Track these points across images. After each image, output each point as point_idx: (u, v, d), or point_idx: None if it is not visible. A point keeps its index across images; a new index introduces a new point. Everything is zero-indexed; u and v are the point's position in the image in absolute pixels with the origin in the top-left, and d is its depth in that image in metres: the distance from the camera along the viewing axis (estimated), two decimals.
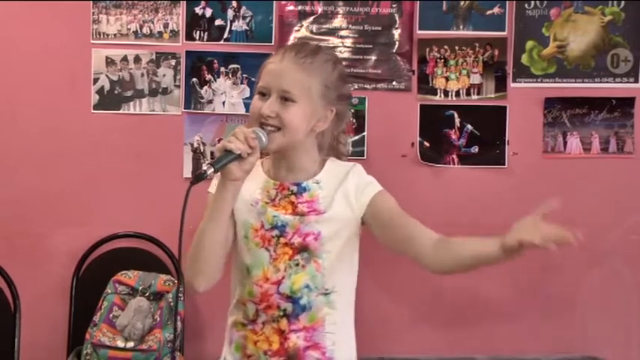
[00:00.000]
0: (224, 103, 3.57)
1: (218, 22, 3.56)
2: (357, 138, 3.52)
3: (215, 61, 3.56)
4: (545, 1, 3.56)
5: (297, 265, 1.90)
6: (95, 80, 3.55)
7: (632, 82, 3.58)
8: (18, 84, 3.54)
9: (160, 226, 3.55)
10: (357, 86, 3.50)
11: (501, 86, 3.58)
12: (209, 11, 3.55)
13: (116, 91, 3.56)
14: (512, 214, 3.72)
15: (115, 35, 3.55)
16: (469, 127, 3.58)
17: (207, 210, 1.88)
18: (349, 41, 3.54)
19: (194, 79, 3.56)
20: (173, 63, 3.56)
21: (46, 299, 3.52)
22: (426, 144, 3.57)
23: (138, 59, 3.56)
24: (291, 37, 3.55)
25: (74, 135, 3.55)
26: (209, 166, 1.75)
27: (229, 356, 1.98)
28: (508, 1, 3.56)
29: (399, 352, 3.48)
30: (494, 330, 3.60)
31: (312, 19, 3.56)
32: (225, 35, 3.56)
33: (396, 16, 3.56)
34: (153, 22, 3.56)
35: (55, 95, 3.54)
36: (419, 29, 3.56)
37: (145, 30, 3.56)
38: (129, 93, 3.57)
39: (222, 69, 3.56)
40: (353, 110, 3.46)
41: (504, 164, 3.59)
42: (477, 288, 3.59)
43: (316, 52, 1.93)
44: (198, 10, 3.55)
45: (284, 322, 1.91)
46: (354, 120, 3.48)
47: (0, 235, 3.52)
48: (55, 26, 3.54)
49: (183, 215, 1.77)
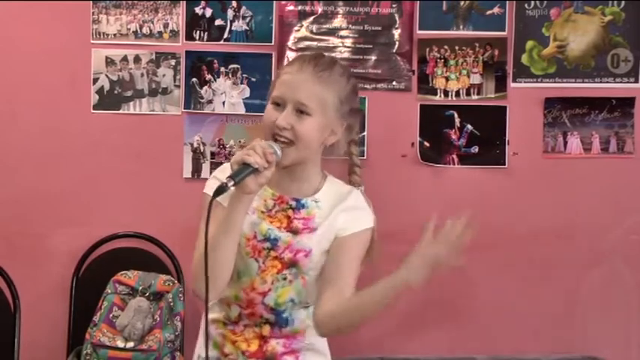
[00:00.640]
0: (224, 103, 3.57)
1: (218, 22, 3.56)
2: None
3: (215, 61, 3.56)
4: (545, 1, 3.56)
5: (284, 279, 1.91)
6: (95, 80, 3.55)
7: (632, 82, 3.58)
8: (18, 84, 3.54)
9: (160, 226, 3.55)
10: None
11: (501, 86, 3.57)
12: (209, 11, 3.55)
13: (116, 91, 3.56)
14: (512, 214, 3.76)
15: (115, 35, 3.55)
16: (469, 127, 3.58)
17: (205, 213, 1.85)
18: (349, 41, 3.54)
19: (194, 79, 3.56)
20: (173, 63, 3.56)
21: (46, 299, 3.52)
22: (426, 144, 3.57)
23: (138, 59, 3.56)
24: (291, 37, 3.55)
25: (74, 135, 3.55)
26: (229, 180, 1.75)
27: (210, 352, 1.96)
28: (508, 1, 3.56)
29: (399, 352, 3.48)
30: (494, 330, 3.60)
31: (312, 19, 3.56)
32: (225, 35, 3.56)
33: (396, 16, 3.56)
34: (153, 22, 3.56)
35: (55, 95, 3.54)
36: (419, 29, 3.56)
37: (145, 30, 3.56)
38: (129, 93, 3.57)
39: (222, 69, 3.56)
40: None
41: (504, 164, 3.59)
42: (477, 288, 3.59)
43: (333, 66, 1.93)
44: (198, 10, 3.55)
45: (267, 329, 1.94)
46: None
47: (0, 235, 3.52)
48: (55, 26, 3.54)
49: (207, 229, 1.77)
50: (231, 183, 1.75)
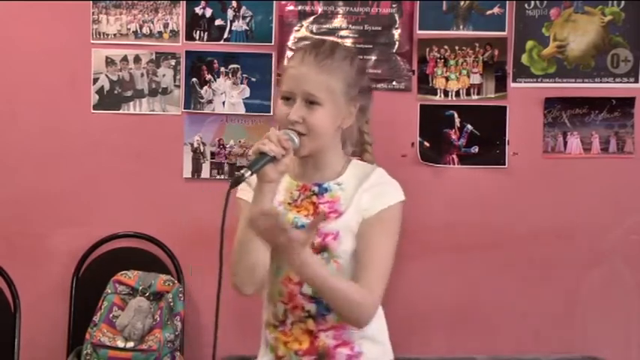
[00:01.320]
0: (224, 103, 3.57)
1: (218, 22, 3.56)
2: None
3: (215, 61, 3.56)
4: (545, 1, 3.55)
5: None
6: (95, 80, 3.55)
7: (632, 82, 3.58)
8: (18, 84, 3.54)
9: (160, 226, 3.56)
10: None
11: (501, 86, 3.57)
12: (209, 11, 3.55)
13: (116, 91, 3.56)
14: (512, 214, 3.76)
15: (115, 35, 3.55)
16: (469, 127, 3.58)
17: (243, 216, 1.87)
18: (349, 41, 3.54)
19: (194, 79, 3.56)
20: (173, 63, 3.56)
21: (46, 299, 3.52)
22: (426, 144, 3.57)
23: (138, 59, 3.56)
24: (291, 37, 3.55)
25: (74, 135, 3.55)
26: (246, 170, 1.76)
27: (265, 357, 2.00)
28: (508, 1, 3.56)
29: (399, 352, 3.48)
30: (494, 330, 3.60)
31: (312, 19, 3.55)
32: (225, 35, 3.56)
33: (396, 16, 3.56)
34: (153, 22, 3.56)
35: (55, 95, 3.54)
36: (419, 29, 3.56)
37: (145, 30, 3.56)
38: (129, 93, 3.57)
39: (222, 69, 3.56)
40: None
41: (504, 164, 3.58)
42: (477, 288, 3.59)
43: (334, 51, 1.93)
44: (198, 10, 3.55)
45: (311, 323, 1.92)
46: None
47: (0, 235, 3.52)
48: (55, 26, 3.54)
49: (223, 219, 1.76)
50: (248, 173, 1.76)
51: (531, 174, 3.59)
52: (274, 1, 3.55)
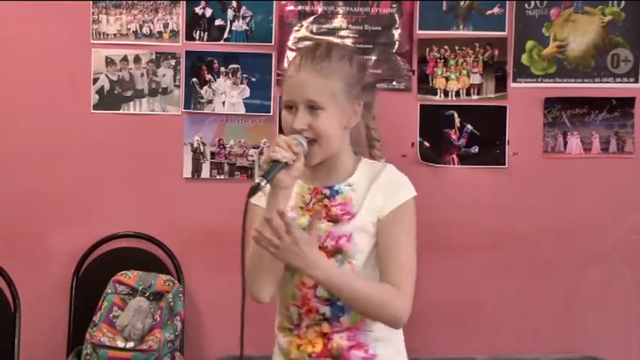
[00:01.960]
0: (224, 103, 3.57)
1: (218, 22, 3.56)
2: None
3: (215, 61, 3.56)
4: (545, 1, 3.55)
5: None
6: (95, 80, 3.55)
7: (632, 82, 3.58)
8: (18, 84, 3.54)
9: (160, 226, 3.56)
10: None
11: (501, 86, 3.57)
12: (209, 11, 3.55)
13: (116, 91, 3.56)
14: (512, 214, 3.75)
15: (115, 35, 3.55)
16: (469, 127, 3.58)
17: (257, 223, 1.87)
18: (349, 41, 3.54)
19: (194, 79, 3.56)
20: (173, 63, 3.56)
21: (46, 299, 3.52)
22: (426, 144, 3.57)
23: (138, 59, 3.56)
24: (291, 37, 3.55)
25: (74, 135, 3.55)
26: (261, 179, 1.77)
27: (277, 359, 2.00)
28: (508, 1, 3.56)
29: None
30: (494, 330, 3.60)
31: (312, 19, 3.55)
32: (225, 35, 3.56)
33: (396, 16, 3.56)
34: (153, 22, 3.56)
35: (55, 95, 3.54)
36: (419, 29, 3.56)
37: (145, 30, 3.56)
38: (129, 93, 3.57)
39: (222, 69, 3.56)
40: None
41: (504, 164, 3.58)
42: (477, 288, 3.59)
43: (330, 53, 1.92)
44: (198, 10, 3.55)
45: (326, 325, 1.91)
46: None
47: (0, 235, 3.52)
48: (55, 26, 3.54)
49: (243, 230, 1.77)
50: (264, 182, 1.77)
51: (531, 174, 3.59)
52: (274, 1, 3.55)
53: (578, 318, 3.61)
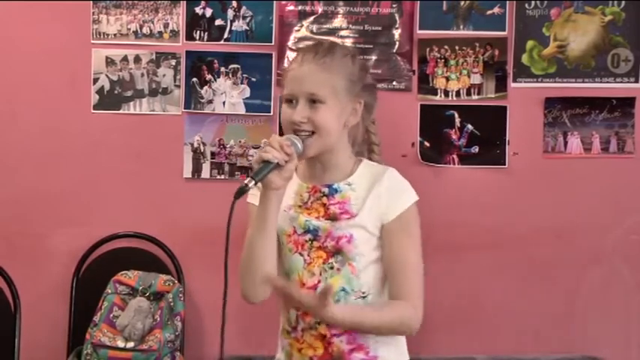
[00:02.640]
0: (224, 103, 3.57)
1: (218, 22, 3.56)
2: None
3: (215, 61, 3.56)
4: (546, 1, 3.55)
5: (331, 269, 1.90)
6: (95, 80, 3.55)
7: (632, 82, 3.58)
8: (18, 84, 3.54)
9: (160, 226, 3.56)
10: None
11: (501, 86, 3.57)
12: (209, 11, 3.55)
13: (116, 91, 3.56)
14: (512, 214, 3.75)
15: (115, 35, 3.55)
16: (469, 127, 3.58)
17: (252, 222, 1.88)
18: (349, 41, 3.54)
19: (194, 79, 3.56)
20: (173, 63, 3.56)
21: (46, 299, 3.52)
22: (426, 144, 3.57)
23: (138, 59, 3.56)
24: (291, 37, 3.55)
25: (74, 135, 3.55)
26: (250, 180, 1.76)
27: None
28: (508, 1, 3.56)
29: None
30: (494, 330, 3.60)
31: (312, 19, 3.55)
32: (225, 35, 3.56)
33: (396, 16, 3.56)
34: (153, 22, 3.55)
35: (55, 95, 3.54)
36: (419, 29, 3.56)
37: (145, 30, 3.56)
38: (129, 93, 3.57)
39: (222, 69, 3.56)
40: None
41: (504, 164, 3.58)
42: (477, 288, 3.59)
43: (333, 49, 1.93)
44: (198, 10, 3.55)
45: (323, 328, 1.90)
46: None
47: (0, 235, 3.52)
48: (55, 26, 3.54)
49: (228, 230, 1.77)
50: (252, 183, 1.76)
51: (531, 174, 3.59)
52: (274, 1, 3.55)
53: (578, 318, 3.61)
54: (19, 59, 3.54)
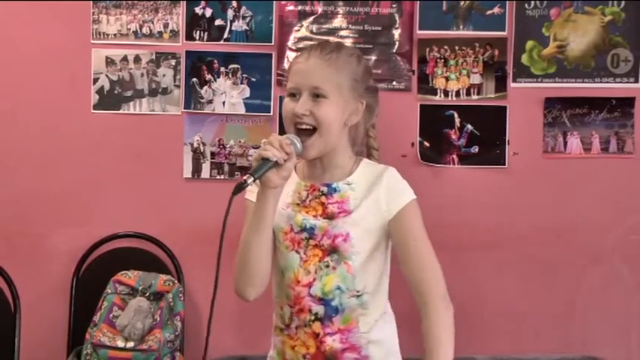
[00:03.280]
0: (224, 103, 3.57)
1: (218, 22, 3.56)
2: None
3: (215, 61, 3.56)
4: (545, 1, 3.56)
5: (327, 267, 1.91)
6: (95, 80, 3.55)
7: (632, 82, 3.57)
8: (18, 84, 3.55)
9: (160, 226, 3.56)
10: None
11: (501, 86, 3.57)
12: (209, 11, 3.55)
13: (116, 91, 3.56)
14: (512, 214, 3.75)
15: (115, 35, 3.55)
16: (469, 127, 3.58)
17: (249, 219, 1.88)
18: (349, 41, 3.54)
19: (194, 79, 3.56)
20: (173, 63, 3.56)
21: (46, 299, 3.52)
22: (426, 144, 3.57)
23: (138, 59, 3.56)
24: (291, 37, 3.55)
25: (74, 135, 3.55)
26: (249, 176, 1.77)
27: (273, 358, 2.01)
28: (508, 1, 3.56)
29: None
30: (494, 330, 3.60)
31: (312, 19, 3.55)
32: (225, 35, 3.56)
33: (396, 16, 3.56)
34: (153, 22, 3.56)
35: (55, 95, 3.55)
36: (419, 29, 3.56)
37: (145, 30, 3.56)
38: (129, 93, 3.57)
39: (222, 69, 3.56)
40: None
41: (504, 164, 3.58)
42: (477, 288, 3.59)
43: (340, 48, 1.95)
44: (198, 10, 3.55)
45: (317, 325, 1.91)
46: None
47: (0, 235, 3.52)
48: (55, 26, 3.54)
49: (224, 226, 1.77)
50: (251, 179, 1.77)
51: (531, 174, 3.59)
52: (274, 1, 3.55)
53: (578, 318, 3.61)
54: (19, 59, 3.54)
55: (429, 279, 1.88)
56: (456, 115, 3.58)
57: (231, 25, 3.56)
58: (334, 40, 2.06)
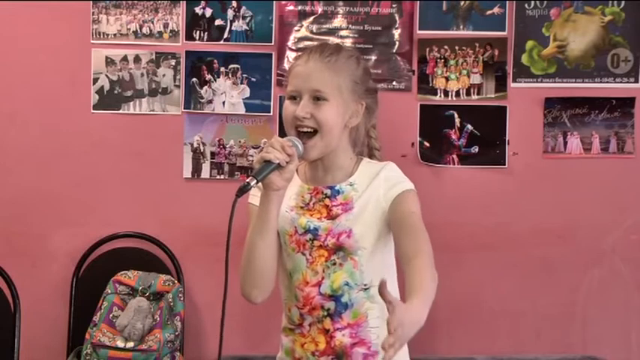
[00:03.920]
0: (224, 103, 3.57)
1: (218, 22, 3.56)
2: None
3: (215, 61, 3.56)
4: (545, 1, 3.56)
5: (334, 265, 1.91)
6: (95, 80, 3.55)
7: (632, 82, 3.58)
8: (18, 84, 3.54)
9: (160, 226, 3.55)
10: None
11: (501, 86, 3.57)
12: (209, 11, 3.55)
13: (116, 91, 3.56)
14: (512, 214, 3.75)
15: (115, 35, 3.55)
16: (469, 127, 3.58)
17: (253, 222, 1.89)
18: (349, 41, 3.54)
19: (194, 79, 3.56)
20: (173, 63, 3.56)
21: (46, 299, 3.52)
22: (426, 144, 3.57)
23: (138, 59, 3.56)
24: (291, 37, 3.55)
25: (74, 135, 3.55)
26: (252, 179, 1.77)
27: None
28: (508, 1, 3.56)
29: None
30: (494, 330, 3.60)
31: (312, 19, 3.55)
32: (225, 35, 3.56)
33: (396, 16, 3.56)
34: (153, 22, 3.56)
35: (55, 95, 3.54)
36: (419, 29, 3.56)
37: (145, 30, 3.56)
38: (129, 93, 3.57)
39: (222, 69, 3.56)
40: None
41: (504, 164, 3.58)
42: (478, 288, 3.59)
43: (339, 50, 1.96)
44: (198, 10, 3.55)
45: (328, 322, 1.92)
46: None
47: (0, 235, 3.52)
48: (55, 26, 3.54)
49: (229, 228, 1.78)
50: (254, 182, 1.77)
51: (531, 174, 3.59)
52: (274, 1, 3.55)
53: (578, 318, 3.61)
54: (19, 59, 3.54)
55: (420, 249, 1.84)
56: (456, 115, 3.58)
57: (231, 25, 3.56)
58: (333, 42, 2.06)
